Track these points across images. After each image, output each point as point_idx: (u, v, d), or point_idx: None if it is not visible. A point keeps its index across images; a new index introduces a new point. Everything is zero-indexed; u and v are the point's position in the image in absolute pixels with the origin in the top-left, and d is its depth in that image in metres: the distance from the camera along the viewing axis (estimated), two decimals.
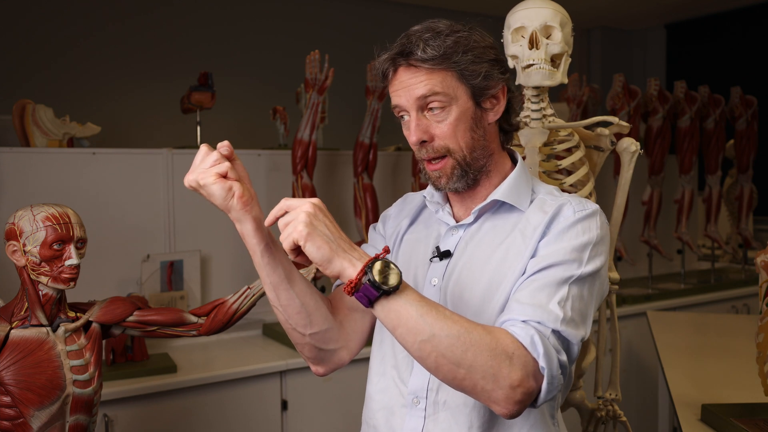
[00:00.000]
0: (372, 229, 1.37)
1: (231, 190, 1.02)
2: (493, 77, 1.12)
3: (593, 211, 1.13)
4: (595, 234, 1.10)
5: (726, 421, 1.70)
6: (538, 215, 1.14)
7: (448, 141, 1.12)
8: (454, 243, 1.18)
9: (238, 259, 2.85)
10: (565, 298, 1.03)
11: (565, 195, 1.18)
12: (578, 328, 1.04)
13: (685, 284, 3.82)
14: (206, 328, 1.55)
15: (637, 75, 6.29)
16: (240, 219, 1.05)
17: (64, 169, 2.56)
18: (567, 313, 1.02)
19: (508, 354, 0.96)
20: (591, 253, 1.08)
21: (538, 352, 0.97)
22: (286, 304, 1.14)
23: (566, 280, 1.05)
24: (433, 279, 1.17)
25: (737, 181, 4.18)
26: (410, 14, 5.28)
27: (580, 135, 1.87)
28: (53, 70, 4.11)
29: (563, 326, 1.01)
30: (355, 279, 0.95)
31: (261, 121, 3.91)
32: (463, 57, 1.09)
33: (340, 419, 2.59)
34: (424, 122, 1.12)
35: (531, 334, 0.98)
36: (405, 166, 3.26)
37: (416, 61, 1.09)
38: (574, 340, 1.02)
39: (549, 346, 0.99)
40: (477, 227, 1.18)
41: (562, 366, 1.00)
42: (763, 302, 1.70)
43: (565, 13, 1.79)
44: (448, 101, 1.10)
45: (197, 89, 2.90)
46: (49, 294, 1.46)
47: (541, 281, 1.05)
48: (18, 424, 1.41)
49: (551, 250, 1.08)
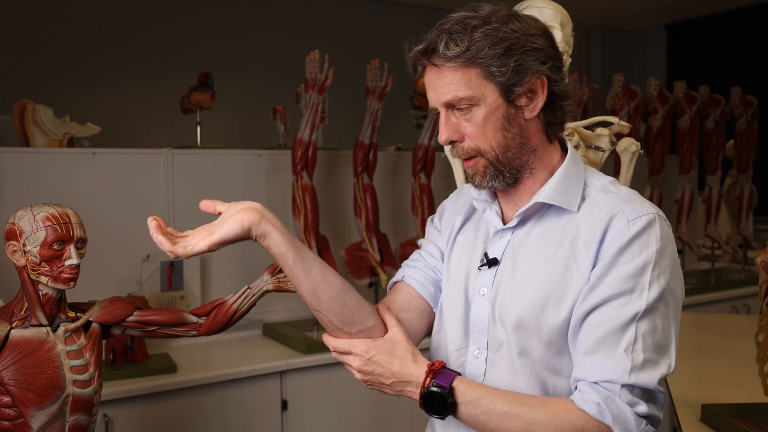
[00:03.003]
0: (429, 222, 1.32)
1: (240, 222, 1.03)
2: (527, 69, 1.03)
3: (650, 220, 1.03)
4: (653, 250, 1.01)
5: (726, 421, 1.70)
6: (590, 225, 1.05)
7: (478, 141, 1.06)
8: (502, 248, 1.13)
9: (238, 259, 2.85)
10: (633, 341, 0.97)
11: (620, 192, 1.08)
12: (656, 367, 0.98)
13: (685, 284, 3.81)
14: (206, 328, 1.55)
15: (637, 75, 6.28)
16: (264, 233, 1.04)
17: (64, 169, 2.56)
18: (637, 359, 0.96)
19: (577, 431, 0.97)
20: (653, 275, 1.00)
21: (608, 419, 0.95)
22: (328, 305, 1.10)
23: (632, 319, 0.98)
24: (482, 288, 1.13)
25: (737, 181, 4.18)
26: (410, 14, 5.29)
27: (580, 135, 1.87)
28: (53, 70, 4.11)
29: (633, 376, 0.96)
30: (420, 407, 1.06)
31: (261, 121, 3.91)
32: (490, 51, 1.01)
33: (340, 419, 2.59)
34: (453, 121, 1.07)
35: (597, 402, 0.96)
36: (405, 166, 3.26)
37: (439, 59, 1.04)
38: (651, 384, 0.97)
39: (619, 406, 0.96)
40: (525, 233, 1.11)
41: (645, 416, 0.97)
42: (763, 302, 1.70)
43: (565, 13, 1.79)
44: (475, 101, 1.04)
45: (197, 89, 2.90)
46: (49, 294, 1.46)
47: (604, 326, 0.99)
48: (18, 424, 1.41)
49: (607, 279, 1.00)
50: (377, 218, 2.90)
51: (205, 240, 1.01)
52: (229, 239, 1.02)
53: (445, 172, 3.28)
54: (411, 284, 1.24)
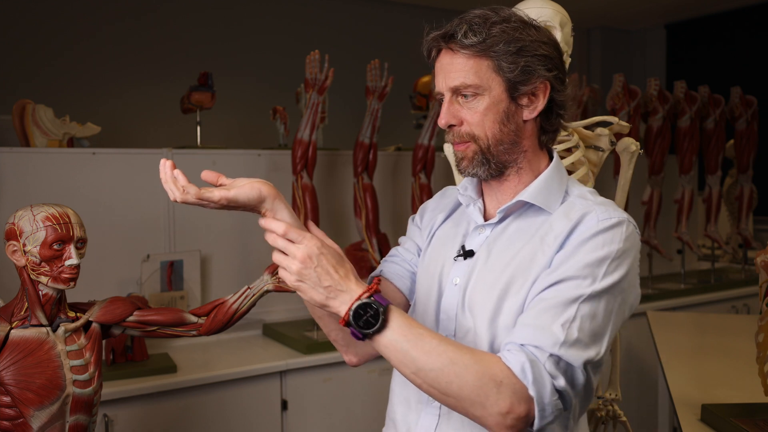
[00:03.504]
0: (410, 220, 1.37)
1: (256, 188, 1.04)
2: (533, 72, 1.09)
3: (619, 221, 1.07)
4: (615, 247, 1.05)
5: (726, 421, 1.70)
6: (562, 221, 1.10)
7: (474, 128, 1.11)
8: (480, 243, 1.17)
9: (238, 259, 2.85)
10: (571, 319, 1.00)
11: (597, 199, 1.13)
12: (585, 349, 1.00)
13: (685, 284, 3.82)
14: (206, 328, 1.55)
15: (637, 75, 6.28)
16: (276, 208, 1.05)
17: (64, 169, 2.56)
18: (571, 336, 0.99)
19: (496, 382, 0.97)
20: (608, 268, 1.04)
21: (528, 380, 0.97)
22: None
23: (575, 300, 1.01)
24: (456, 278, 1.16)
25: (737, 181, 4.18)
26: (410, 14, 5.29)
27: (580, 135, 1.87)
28: (53, 70, 4.11)
29: (563, 350, 0.99)
30: (342, 322, 1.00)
31: (261, 121, 3.91)
32: (505, 47, 1.08)
33: (340, 419, 2.59)
34: (455, 107, 1.12)
35: (522, 361, 0.97)
36: (405, 166, 3.26)
37: (456, 45, 1.09)
38: (576, 362, 1.00)
39: (541, 372, 0.98)
40: (503, 228, 1.16)
41: (559, 391, 0.99)
42: (763, 302, 1.70)
43: (565, 13, 1.79)
44: (481, 90, 1.09)
45: (197, 89, 2.90)
46: (49, 294, 1.46)
47: (549, 300, 1.02)
48: (18, 424, 1.41)
49: (565, 265, 1.04)
50: (377, 218, 2.90)
51: (219, 191, 1.02)
52: (242, 202, 1.03)
53: (445, 172, 3.28)
54: (389, 278, 1.29)
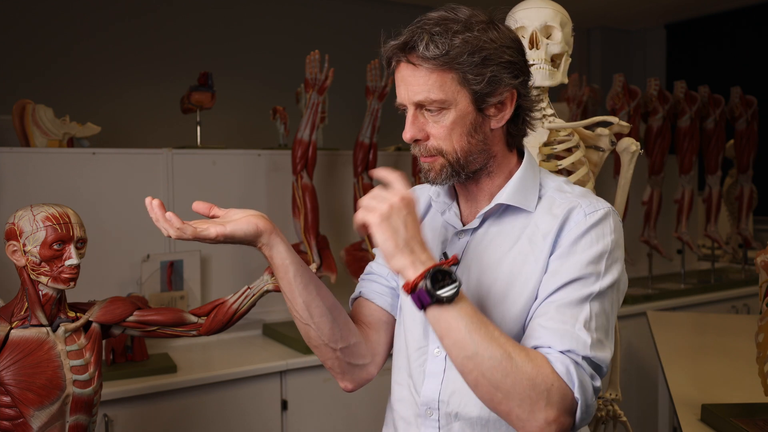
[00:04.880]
0: None
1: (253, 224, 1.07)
2: (500, 82, 1.05)
3: (605, 213, 1.08)
4: (609, 240, 1.05)
5: (726, 421, 1.70)
6: (546, 219, 1.09)
7: (442, 142, 1.07)
8: (461, 249, 1.14)
9: (238, 259, 2.85)
10: (589, 318, 1.00)
11: (575, 191, 1.13)
12: (605, 348, 1.01)
13: (685, 284, 3.82)
14: (206, 328, 1.55)
15: (637, 75, 6.28)
16: (272, 243, 1.09)
17: (64, 169, 2.56)
18: (593, 336, 0.99)
19: (547, 386, 0.95)
20: (608, 263, 1.05)
21: (574, 383, 0.96)
22: (319, 320, 1.15)
23: (586, 298, 1.01)
24: None
25: (737, 181, 4.18)
26: (410, 14, 5.23)
27: (580, 135, 1.87)
28: (53, 70, 4.11)
29: (593, 351, 0.99)
30: (412, 282, 0.95)
31: (261, 121, 3.91)
32: (469, 59, 1.02)
33: (340, 419, 2.59)
34: (421, 120, 1.08)
35: (567, 365, 0.97)
36: (405, 166, 3.26)
37: (417, 58, 1.03)
38: (603, 363, 1.00)
39: (584, 375, 0.97)
40: (483, 232, 1.13)
41: (595, 392, 0.99)
42: (763, 302, 1.70)
43: (565, 13, 1.79)
44: (446, 105, 1.05)
45: (197, 89, 2.90)
46: (49, 294, 1.46)
47: (561, 302, 1.01)
48: (18, 424, 1.41)
49: (566, 266, 1.04)
50: None
51: (215, 227, 1.03)
52: (238, 237, 1.05)
53: None
54: (370, 298, 1.28)
